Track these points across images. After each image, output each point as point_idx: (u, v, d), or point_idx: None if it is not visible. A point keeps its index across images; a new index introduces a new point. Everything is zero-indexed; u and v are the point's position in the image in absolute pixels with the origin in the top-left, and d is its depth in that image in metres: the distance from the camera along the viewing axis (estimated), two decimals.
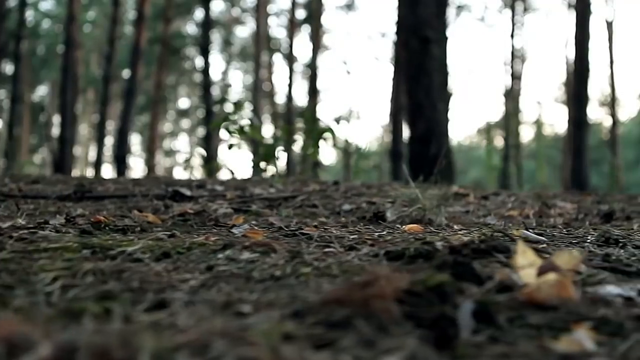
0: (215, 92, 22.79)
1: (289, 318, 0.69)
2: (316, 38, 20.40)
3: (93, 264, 0.93)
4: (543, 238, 1.30)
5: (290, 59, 20.84)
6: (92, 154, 22.31)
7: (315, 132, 3.91)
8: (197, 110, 26.71)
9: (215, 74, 30.49)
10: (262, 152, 3.79)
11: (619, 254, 1.13)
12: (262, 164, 3.76)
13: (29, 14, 21.31)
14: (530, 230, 1.38)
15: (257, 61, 17.36)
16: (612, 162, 16.13)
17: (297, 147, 4.09)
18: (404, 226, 1.37)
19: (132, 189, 2.30)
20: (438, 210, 1.87)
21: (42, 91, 26.71)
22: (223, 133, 3.79)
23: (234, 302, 0.74)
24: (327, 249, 1.07)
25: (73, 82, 13.70)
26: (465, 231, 1.34)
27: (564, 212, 2.28)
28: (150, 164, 19.61)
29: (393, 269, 0.82)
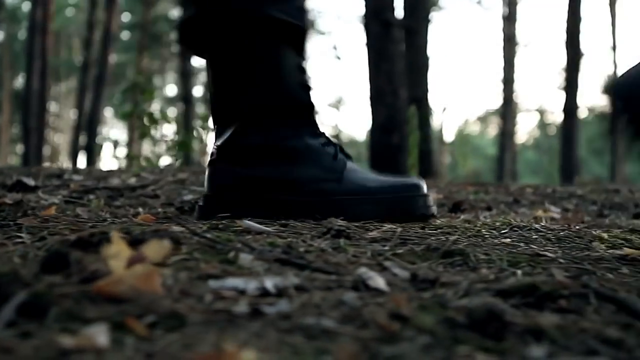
0: (203, 78, 22.67)
1: None
2: None
3: None
4: (269, 229, 1.30)
5: None
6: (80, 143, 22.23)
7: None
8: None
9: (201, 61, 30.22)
10: (174, 142, 3.78)
11: (319, 245, 1.13)
12: (170, 154, 3.75)
13: None
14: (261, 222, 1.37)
15: None
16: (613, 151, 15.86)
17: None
18: (137, 217, 1.37)
19: None
20: None
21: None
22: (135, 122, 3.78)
23: None
24: (18, 240, 1.07)
25: (42, 69, 13.57)
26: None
27: None
28: (131, 152, 19.57)
29: None
